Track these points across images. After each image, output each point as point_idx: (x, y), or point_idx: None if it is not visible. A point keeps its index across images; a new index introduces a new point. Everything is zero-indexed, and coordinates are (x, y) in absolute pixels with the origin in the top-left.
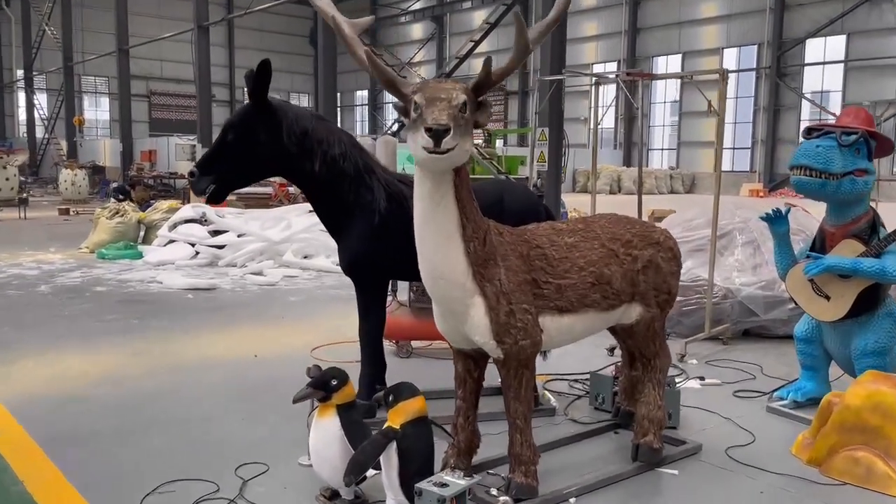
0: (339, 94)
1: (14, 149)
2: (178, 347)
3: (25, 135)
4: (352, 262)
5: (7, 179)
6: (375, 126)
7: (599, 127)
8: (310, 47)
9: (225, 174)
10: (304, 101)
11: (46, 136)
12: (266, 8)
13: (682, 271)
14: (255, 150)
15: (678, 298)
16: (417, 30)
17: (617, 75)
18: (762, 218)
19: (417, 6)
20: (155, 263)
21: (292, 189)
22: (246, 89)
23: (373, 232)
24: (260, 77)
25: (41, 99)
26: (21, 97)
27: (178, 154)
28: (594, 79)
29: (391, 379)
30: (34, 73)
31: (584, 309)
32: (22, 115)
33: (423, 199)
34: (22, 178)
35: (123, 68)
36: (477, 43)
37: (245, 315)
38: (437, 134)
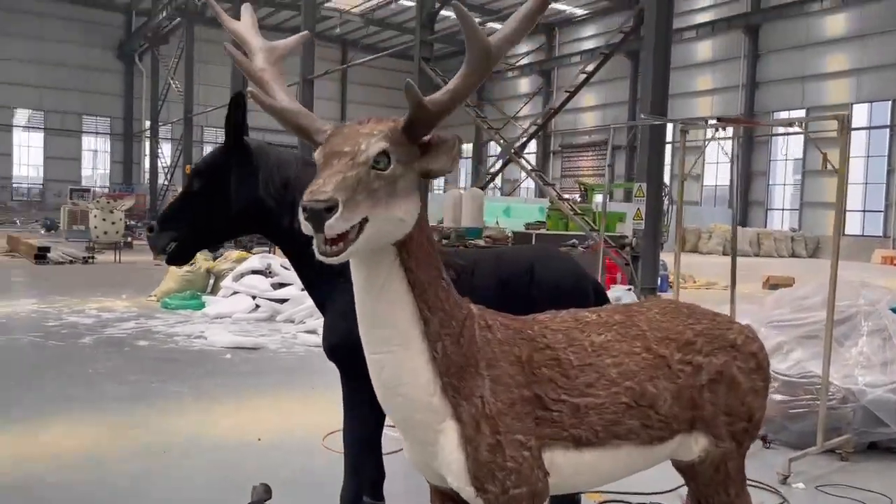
0: None
1: (123, 193)
2: (182, 422)
3: (149, 182)
4: (335, 345)
5: (113, 223)
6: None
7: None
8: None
9: (189, 230)
10: None
11: (166, 183)
12: (366, 61)
13: (790, 363)
14: (225, 202)
15: (782, 398)
16: (524, 84)
17: (706, 122)
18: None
19: (526, 61)
20: (213, 316)
21: None
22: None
23: None
24: (232, 114)
25: (165, 148)
26: (147, 146)
27: None
28: (680, 125)
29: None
30: (160, 123)
31: (614, 441)
32: (147, 162)
33: (360, 290)
34: (131, 223)
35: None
36: (572, 94)
37: (274, 383)
38: (312, 214)
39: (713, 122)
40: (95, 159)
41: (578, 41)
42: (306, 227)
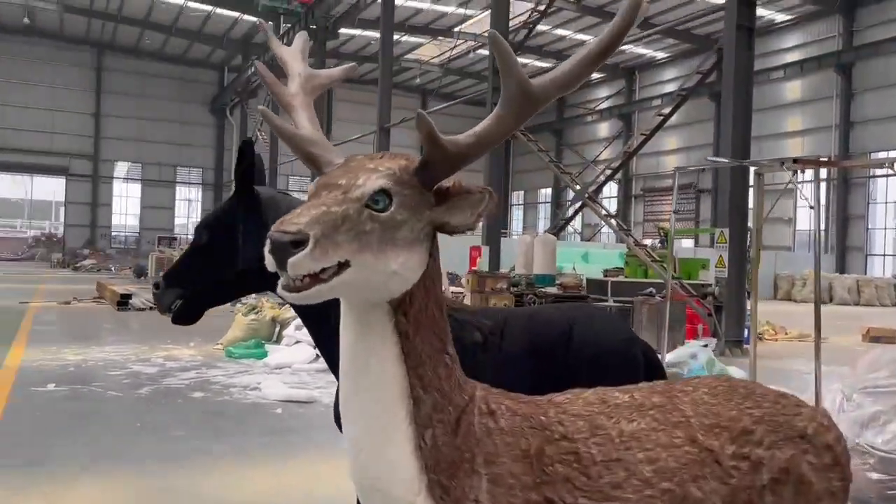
0: (522, 193)
1: None
2: (212, 485)
3: None
4: None
5: None
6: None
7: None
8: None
9: (196, 287)
10: None
11: None
12: (440, 109)
13: (888, 436)
14: (233, 258)
15: (879, 477)
16: (604, 128)
17: (782, 163)
18: None
19: (605, 105)
20: (273, 366)
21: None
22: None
23: None
24: (241, 163)
25: None
26: None
27: None
28: (755, 167)
29: None
30: None
31: None
32: None
33: (345, 350)
34: None
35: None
36: (647, 138)
37: (322, 441)
38: (275, 247)
39: (790, 163)
40: (188, 208)
41: (659, 84)
42: (270, 262)
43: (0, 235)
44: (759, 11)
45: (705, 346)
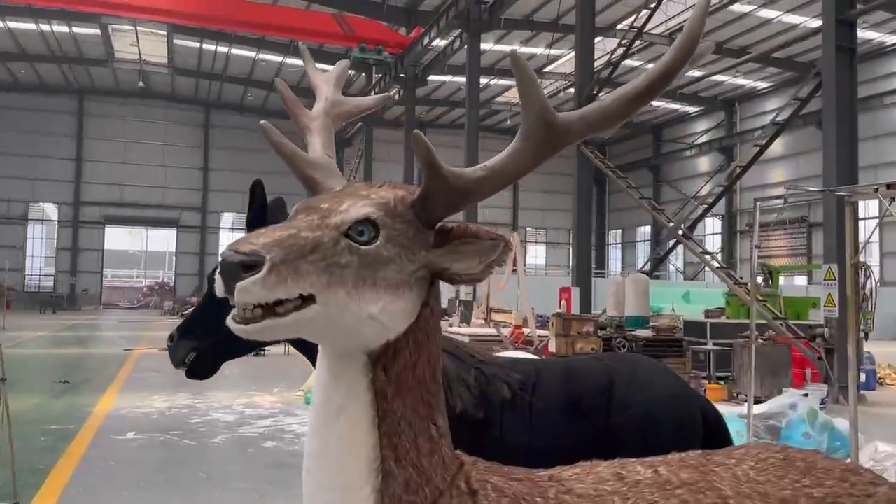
0: (619, 231)
1: None
2: None
3: None
4: None
5: None
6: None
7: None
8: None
9: (210, 339)
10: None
11: None
12: None
13: None
14: None
15: None
16: (704, 163)
17: (876, 189)
18: None
19: (705, 139)
20: None
21: (527, 331)
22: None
23: None
24: (252, 205)
25: None
26: None
27: (443, 291)
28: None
29: None
30: None
31: None
32: None
33: (314, 405)
34: None
35: None
36: (744, 170)
37: None
38: (223, 268)
39: (883, 189)
40: None
41: (762, 115)
42: (218, 287)
43: (118, 285)
44: (867, 34)
45: (806, 394)
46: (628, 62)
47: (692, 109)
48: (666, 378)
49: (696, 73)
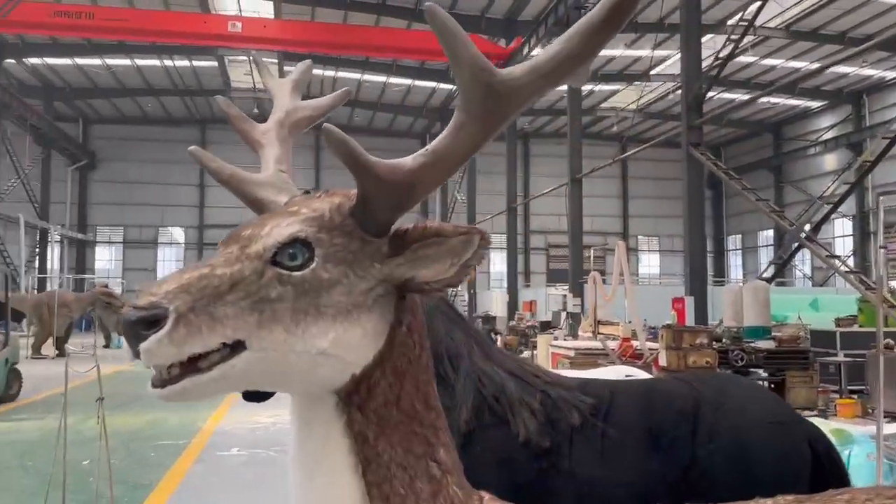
0: (739, 237)
1: None
2: None
3: None
4: None
5: None
6: (784, 271)
7: None
8: (708, 191)
9: None
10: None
11: (455, 289)
12: (629, 155)
13: None
14: None
15: None
16: (830, 161)
17: None
18: None
19: (830, 135)
20: None
21: (636, 343)
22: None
23: None
24: None
25: None
26: None
27: (550, 303)
28: None
29: None
30: None
31: None
32: None
33: (294, 453)
34: None
35: (511, 225)
36: (872, 166)
37: None
38: (125, 329)
39: None
40: None
41: (894, 107)
42: (126, 353)
43: None
44: None
45: None
46: (743, 59)
47: (814, 104)
48: (763, 402)
49: (815, 65)
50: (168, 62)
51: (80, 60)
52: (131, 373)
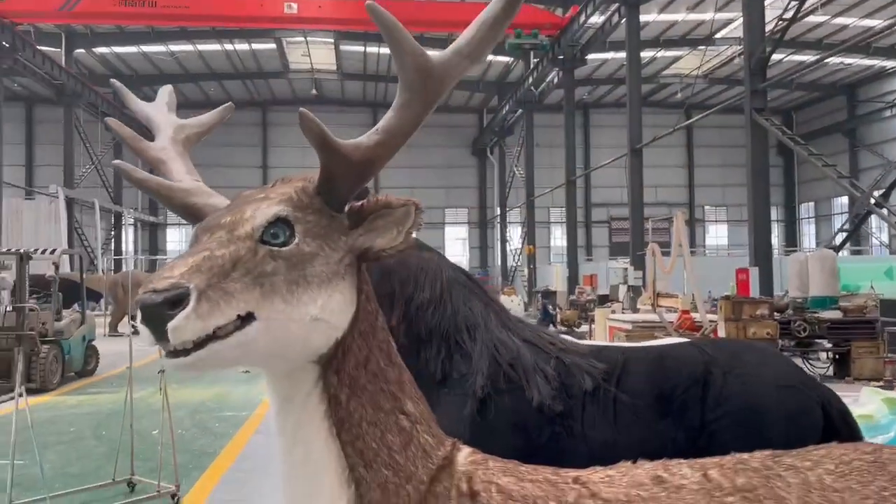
0: (812, 204)
1: (482, 277)
2: None
3: (500, 264)
4: None
5: None
6: (859, 238)
7: None
8: (778, 157)
9: None
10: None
11: (514, 264)
12: (692, 122)
13: None
14: None
15: None
16: None
17: None
18: None
19: None
20: None
21: (696, 315)
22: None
23: (464, 424)
24: None
25: (514, 232)
26: (498, 231)
27: (611, 277)
28: None
29: None
30: (507, 209)
31: None
32: (499, 246)
33: (275, 427)
34: None
35: (570, 198)
36: None
37: None
38: (146, 314)
39: None
40: (459, 247)
41: None
42: (146, 337)
43: None
44: None
45: None
46: (812, 18)
47: (890, 64)
48: (774, 366)
49: (889, 22)
50: (228, 46)
51: (145, 48)
52: None
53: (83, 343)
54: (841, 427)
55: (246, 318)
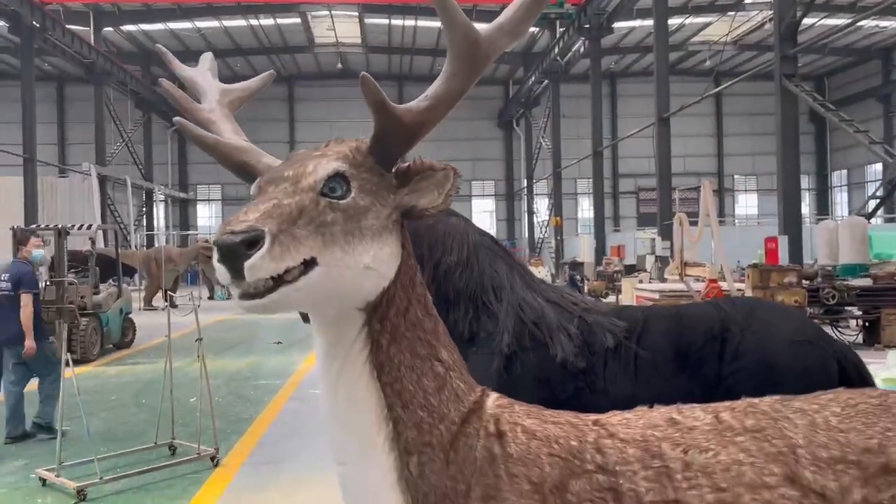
0: (844, 172)
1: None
2: None
3: (527, 236)
4: None
5: None
6: (893, 205)
7: None
8: (810, 125)
9: None
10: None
11: (541, 235)
12: (721, 90)
13: None
14: None
15: None
16: None
17: None
18: None
19: None
20: None
21: (724, 284)
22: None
23: (491, 381)
24: None
25: (541, 203)
26: (525, 203)
27: (638, 247)
28: None
29: None
30: (534, 180)
31: None
32: (526, 218)
33: (320, 372)
34: None
35: (597, 169)
36: None
37: None
38: (225, 252)
39: None
40: (486, 220)
41: None
42: (222, 274)
43: None
44: None
45: None
46: None
47: None
48: (789, 323)
49: None
50: (254, 21)
51: (172, 25)
52: (233, 321)
53: (120, 316)
54: (856, 381)
55: (309, 264)
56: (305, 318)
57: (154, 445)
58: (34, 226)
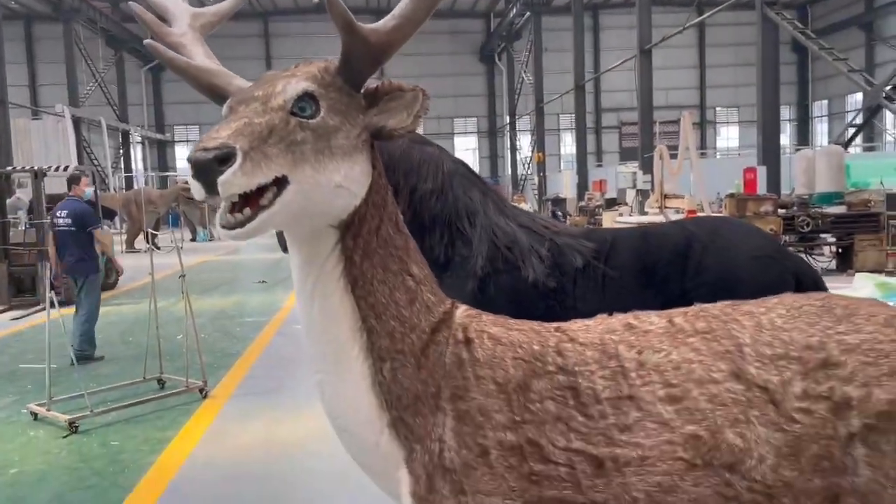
0: (825, 102)
1: (494, 186)
2: None
3: (510, 173)
4: None
5: None
6: (872, 134)
7: None
8: (792, 54)
9: None
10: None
11: (525, 172)
12: (704, 19)
13: None
14: None
15: None
16: None
17: None
18: None
19: None
20: None
21: (702, 215)
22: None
23: (466, 302)
24: None
25: (524, 140)
26: (508, 140)
27: (620, 181)
28: None
29: None
30: (517, 116)
31: None
32: (509, 155)
33: (296, 287)
34: None
35: (580, 103)
36: None
37: None
38: (198, 168)
39: None
40: (469, 157)
41: None
42: (196, 190)
43: None
44: None
45: None
46: None
47: None
48: (750, 240)
49: None
50: None
51: None
52: (216, 262)
53: (103, 258)
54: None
55: (282, 183)
56: (285, 248)
57: (143, 380)
58: (9, 168)
